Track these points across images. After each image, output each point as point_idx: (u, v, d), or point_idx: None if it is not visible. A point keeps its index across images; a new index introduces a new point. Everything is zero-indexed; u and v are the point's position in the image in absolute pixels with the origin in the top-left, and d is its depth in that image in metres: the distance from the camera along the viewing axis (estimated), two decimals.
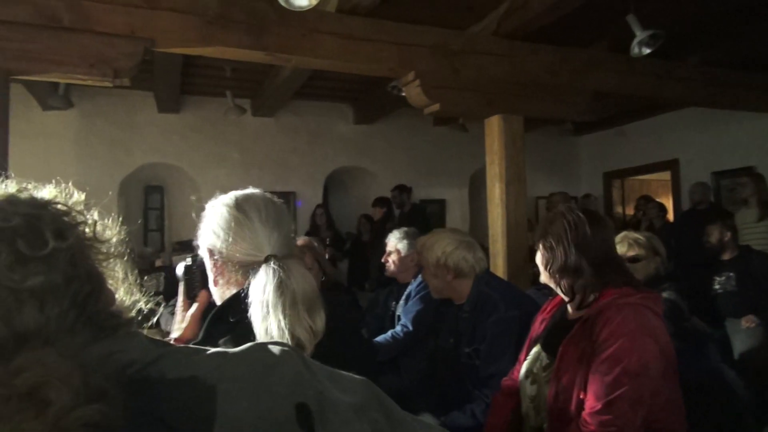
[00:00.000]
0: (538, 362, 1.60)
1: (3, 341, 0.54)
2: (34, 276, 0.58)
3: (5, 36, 2.43)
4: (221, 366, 0.63)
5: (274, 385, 0.62)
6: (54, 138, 5.61)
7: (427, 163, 7.12)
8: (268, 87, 5.35)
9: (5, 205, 0.62)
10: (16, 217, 0.61)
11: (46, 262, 0.60)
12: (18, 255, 0.58)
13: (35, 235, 0.60)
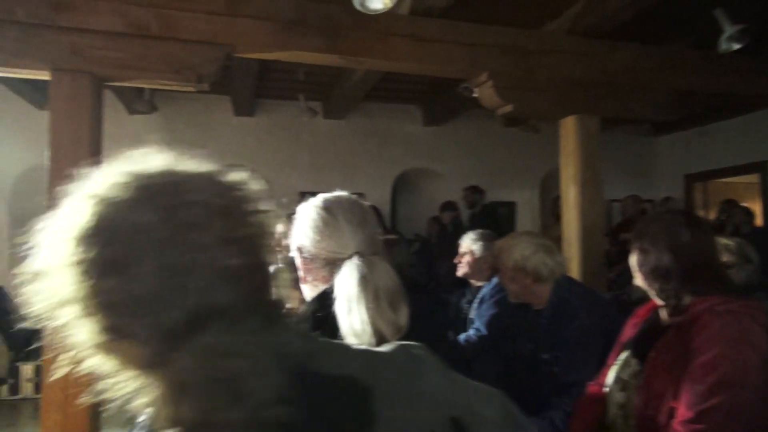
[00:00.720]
0: (628, 368, 1.54)
1: (196, 313, 0.57)
2: (234, 257, 0.60)
3: (100, 45, 2.60)
4: (373, 367, 0.63)
5: (426, 393, 0.63)
6: (139, 140, 5.88)
7: (496, 165, 7.02)
8: (340, 90, 5.44)
9: (213, 184, 0.65)
10: (222, 196, 0.63)
11: (241, 244, 0.62)
12: (223, 233, 0.60)
13: (237, 216, 0.63)
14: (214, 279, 0.58)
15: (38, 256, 0.61)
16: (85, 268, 0.58)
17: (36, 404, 4.77)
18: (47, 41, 2.55)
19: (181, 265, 0.58)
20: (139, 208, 0.59)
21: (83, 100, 2.61)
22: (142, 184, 0.62)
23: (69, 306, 0.58)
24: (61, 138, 2.62)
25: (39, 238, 0.62)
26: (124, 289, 0.57)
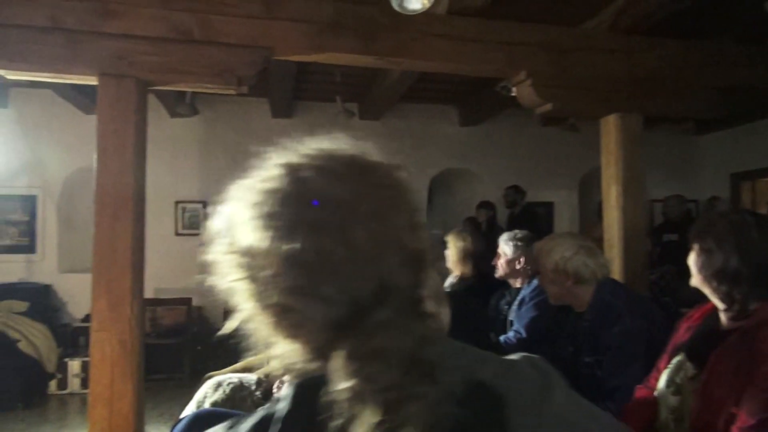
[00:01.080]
0: (682, 372, 1.50)
1: (382, 288, 0.61)
2: (416, 242, 0.64)
3: (144, 51, 2.67)
4: (504, 375, 0.64)
5: (556, 412, 0.63)
6: (180, 143, 6.07)
7: (534, 165, 6.93)
8: (376, 91, 5.46)
9: (398, 173, 0.68)
10: (405, 186, 0.67)
11: (421, 231, 0.66)
12: (410, 219, 0.65)
13: (415, 206, 0.68)
14: (401, 259, 0.63)
15: (235, 221, 0.66)
16: (290, 227, 0.61)
17: (82, 399, 4.93)
18: (94, 47, 2.64)
19: (382, 239, 0.62)
20: (349, 181, 0.64)
21: (128, 103, 2.69)
22: (345, 161, 0.66)
23: (262, 264, 0.61)
24: (107, 140, 2.70)
25: (234, 205, 0.67)
26: (328, 251, 0.60)
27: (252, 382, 2.26)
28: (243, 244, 0.63)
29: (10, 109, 5.80)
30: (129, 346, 2.69)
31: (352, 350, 0.58)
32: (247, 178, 0.69)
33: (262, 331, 0.66)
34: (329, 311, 0.61)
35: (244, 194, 0.66)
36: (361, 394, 0.56)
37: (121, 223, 2.69)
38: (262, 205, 0.63)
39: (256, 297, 0.63)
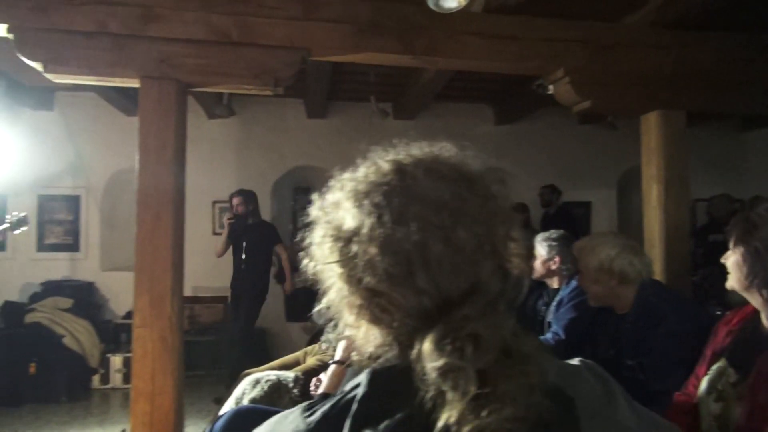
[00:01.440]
0: (724, 378, 1.45)
1: (474, 287, 0.65)
2: (512, 252, 0.70)
3: (184, 53, 2.72)
4: (568, 378, 0.66)
5: (621, 422, 0.65)
6: (217, 143, 6.17)
7: (571, 164, 6.81)
8: (410, 90, 5.45)
9: (500, 182, 0.73)
10: (505, 196, 0.73)
11: (517, 242, 0.71)
12: (508, 229, 0.70)
13: (513, 218, 0.72)
14: (494, 266, 0.67)
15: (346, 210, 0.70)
16: (395, 217, 0.65)
17: (124, 393, 5.06)
18: (137, 51, 2.70)
19: (482, 243, 0.66)
20: (454, 185, 0.68)
21: (169, 105, 2.75)
22: (452, 166, 0.71)
23: (362, 249, 0.65)
24: (148, 142, 2.76)
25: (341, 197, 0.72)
26: (428, 245, 0.64)
27: (289, 380, 2.29)
28: (345, 229, 0.68)
29: (55, 112, 5.99)
30: (169, 342, 2.74)
31: (444, 335, 0.60)
32: (352, 171, 0.75)
33: (346, 315, 0.70)
34: (419, 301, 0.64)
35: (350, 185, 0.71)
36: (456, 369, 0.58)
37: (162, 222, 2.75)
38: (369, 195, 0.68)
39: (349, 279, 0.67)
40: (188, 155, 2.91)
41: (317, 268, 0.73)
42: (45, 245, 5.99)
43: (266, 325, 6.10)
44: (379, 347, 0.67)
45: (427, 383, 0.59)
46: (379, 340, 0.67)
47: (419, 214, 0.65)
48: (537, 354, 0.63)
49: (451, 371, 0.58)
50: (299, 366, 2.70)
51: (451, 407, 0.56)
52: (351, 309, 0.69)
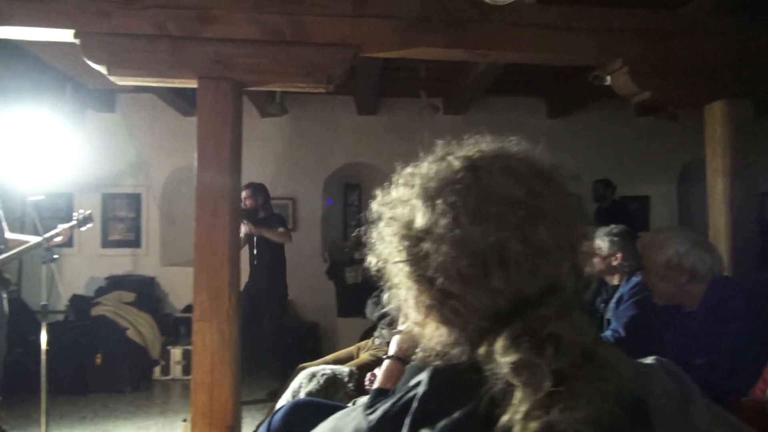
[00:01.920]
0: None
1: (551, 286, 0.64)
2: (584, 250, 0.69)
3: (239, 53, 2.79)
4: (641, 378, 0.64)
5: (698, 426, 0.63)
6: (270, 141, 6.29)
7: (627, 157, 6.61)
8: (460, 85, 5.40)
9: (572, 180, 0.73)
10: (579, 196, 0.72)
11: (586, 240, 0.71)
12: (583, 227, 0.70)
13: (587, 215, 0.73)
14: (572, 265, 0.66)
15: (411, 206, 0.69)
16: (471, 217, 0.64)
17: (183, 384, 5.24)
18: (194, 52, 2.78)
19: (561, 242, 0.65)
20: (530, 182, 0.67)
21: (225, 105, 2.81)
22: (527, 163, 0.70)
23: (434, 248, 0.64)
24: (206, 141, 2.84)
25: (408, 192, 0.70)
26: (505, 245, 0.63)
27: (344, 374, 2.32)
28: (416, 227, 0.66)
29: (117, 113, 6.24)
30: (227, 335, 2.82)
31: (520, 333, 0.59)
32: (416, 166, 0.73)
33: (412, 312, 0.69)
34: (493, 302, 0.63)
35: (419, 182, 0.69)
36: (531, 365, 0.57)
37: (219, 219, 2.82)
38: (441, 194, 0.66)
39: (419, 278, 0.66)
40: (243, 153, 2.98)
41: (382, 265, 0.72)
42: (109, 241, 6.26)
43: (318, 320, 6.19)
44: (446, 345, 0.67)
45: (496, 378, 0.58)
46: (446, 338, 0.67)
47: (496, 214, 0.63)
48: (617, 362, 0.61)
49: (525, 367, 0.57)
50: (353, 361, 2.73)
51: (520, 403, 0.56)
52: (419, 308, 0.68)
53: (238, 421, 2.93)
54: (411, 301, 0.69)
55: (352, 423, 0.65)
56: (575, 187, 0.71)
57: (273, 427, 1.57)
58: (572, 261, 0.66)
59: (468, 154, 0.71)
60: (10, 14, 2.68)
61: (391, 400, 0.64)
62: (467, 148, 0.72)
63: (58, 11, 2.71)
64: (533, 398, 0.55)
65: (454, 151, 0.72)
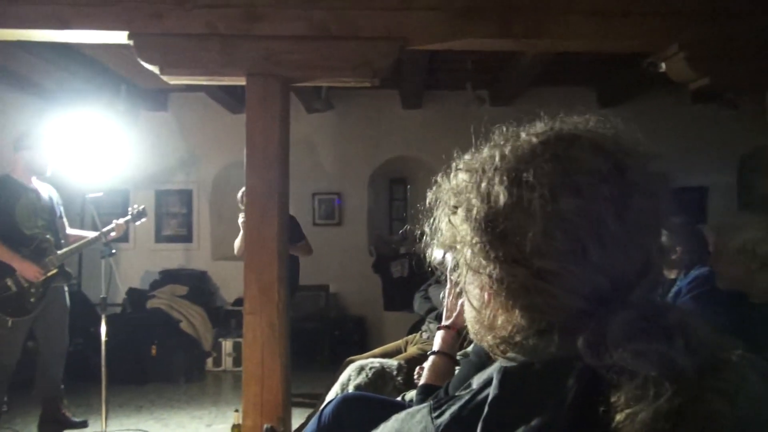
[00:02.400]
0: None
1: (645, 265, 0.62)
2: (670, 226, 0.68)
3: (286, 49, 2.81)
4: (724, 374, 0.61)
5: None
6: (316, 137, 6.34)
7: (682, 147, 6.35)
8: (508, 76, 5.31)
9: (652, 157, 0.70)
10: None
11: (668, 219, 0.69)
12: (669, 205, 0.68)
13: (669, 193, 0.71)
14: (662, 242, 0.64)
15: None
16: (556, 192, 0.61)
17: (234, 376, 5.36)
18: (243, 50, 2.82)
19: (653, 217, 0.63)
20: (614, 156, 0.65)
21: (274, 101, 2.85)
22: (605, 136, 0.69)
23: (519, 226, 0.62)
24: (255, 137, 2.88)
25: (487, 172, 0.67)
26: (600, 219, 0.60)
27: (393, 368, 2.32)
28: (498, 207, 0.63)
29: (169, 112, 6.41)
30: (277, 328, 2.86)
31: (638, 318, 0.56)
32: (480, 152, 0.72)
33: (483, 301, 0.66)
34: (594, 280, 0.60)
35: (493, 162, 0.67)
36: (661, 359, 0.53)
37: (268, 214, 2.86)
38: (525, 170, 0.63)
39: (503, 260, 0.62)
40: (290, 149, 3.01)
41: (449, 253, 0.70)
42: (162, 236, 6.46)
43: (364, 314, 6.22)
44: (528, 335, 0.62)
45: (593, 374, 0.54)
46: (528, 327, 0.63)
47: (586, 186, 0.61)
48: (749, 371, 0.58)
49: (648, 359, 0.53)
50: (401, 354, 2.73)
51: (636, 403, 0.52)
52: (499, 294, 0.64)
53: (288, 413, 2.98)
54: (484, 286, 0.65)
55: (419, 426, 0.62)
56: (656, 164, 0.68)
57: (323, 420, 1.58)
58: (659, 239, 0.64)
59: (545, 130, 0.69)
60: (68, 19, 2.79)
61: (458, 402, 0.61)
62: (538, 127, 0.71)
63: (113, 14, 2.80)
64: (654, 404, 0.51)
65: (521, 132, 0.71)
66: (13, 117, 5.33)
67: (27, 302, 3.47)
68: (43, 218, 3.67)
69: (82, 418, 3.92)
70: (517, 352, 0.63)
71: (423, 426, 0.62)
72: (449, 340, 1.49)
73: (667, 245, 0.65)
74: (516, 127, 0.73)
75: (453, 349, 1.49)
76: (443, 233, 0.71)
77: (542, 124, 0.72)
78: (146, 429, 3.90)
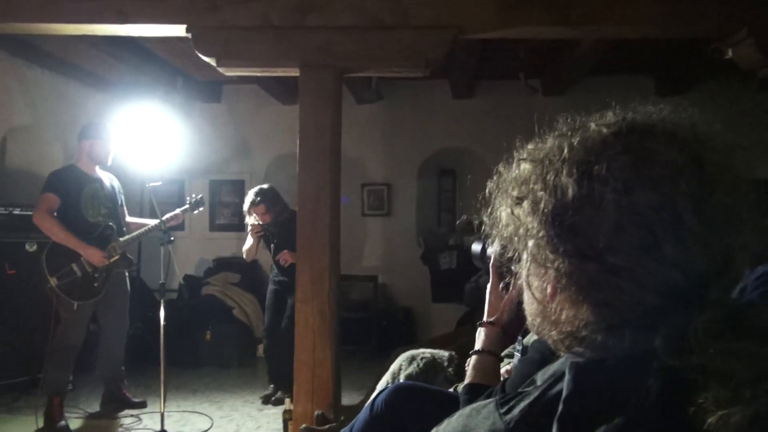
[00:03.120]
0: None
1: (725, 262, 0.60)
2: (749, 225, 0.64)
3: (339, 40, 2.83)
4: None
5: None
6: (365, 128, 6.35)
7: (747, 137, 6.04)
8: (562, 64, 5.18)
9: (734, 148, 0.68)
10: None
11: (752, 214, 0.65)
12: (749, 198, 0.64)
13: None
14: (744, 240, 0.61)
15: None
16: (631, 184, 0.59)
17: None
18: (297, 41, 2.85)
19: (733, 213, 0.60)
20: (692, 148, 0.62)
21: (326, 92, 2.87)
22: (682, 127, 0.66)
23: (590, 219, 0.60)
24: (308, 128, 2.91)
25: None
26: (677, 212, 0.58)
27: (444, 358, 2.31)
28: (567, 199, 0.61)
29: (222, 104, 6.55)
30: (328, 317, 2.90)
31: (720, 318, 0.54)
32: (543, 141, 0.69)
33: (551, 295, 0.64)
34: (669, 275, 0.57)
35: (562, 153, 0.64)
36: (751, 366, 0.50)
37: (320, 204, 2.90)
38: (596, 161, 0.61)
39: (572, 254, 0.60)
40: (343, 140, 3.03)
41: (509, 246, 0.68)
42: (216, 225, 6.63)
43: (411, 305, 6.23)
44: (594, 330, 0.60)
45: (673, 373, 0.52)
46: (596, 323, 0.60)
47: (662, 179, 0.58)
48: None
49: (736, 356, 0.51)
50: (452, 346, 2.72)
51: (726, 394, 0.50)
52: (566, 287, 0.62)
53: (338, 399, 3.02)
54: (551, 282, 0.63)
55: (486, 423, 0.61)
56: (737, 155, 0.65)
57: (376, 409, 1.59)
58: (743, 235, 0.60)
59: (616, 121, 0.66)
60: (129, 13, 2.88)
61: (528, 398, 0.60)
62: (609, 117, 0.68)
63: (171, 7, 2.87)
64: (752, 406, 0.49)
65: (590, 122, 0.68)
66: (78, 109, 5.56)
67: (91, 287, 3.63)
68: (106, 206, 3.83)
69: (141, 399, 4.08)
70: (584, 348, 0.61)
71: (491, 422, 0.60)
72: (493, 337, 1.42)
73: (752, 236, 0.62)
74: (583, 117, 0.70)
75: (497, 346, 1.42)
76: (504, 224, 0.69)
77: (612, 114, 0.69)
78: (202, 411, 4.03)
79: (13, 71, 4.90)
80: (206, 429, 3.69)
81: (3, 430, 3.54)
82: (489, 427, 0.60)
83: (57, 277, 3.49)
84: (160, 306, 3.33)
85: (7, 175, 4.96)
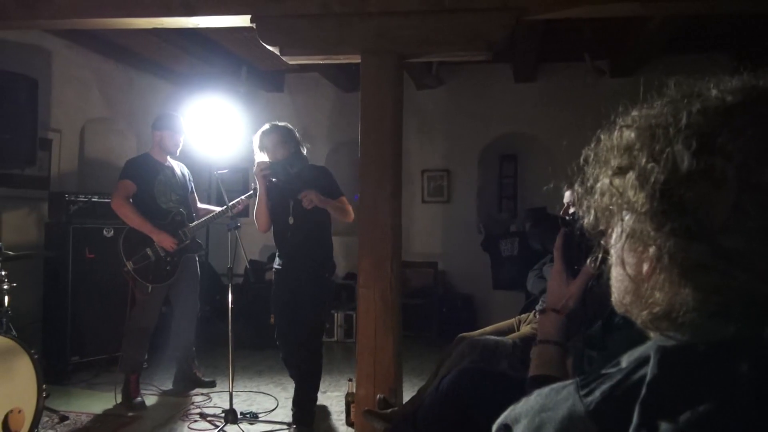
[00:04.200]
0: None
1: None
2: None
3: (399, 25, 2.81)
4: None
5: None
6: (426, 113, 6.32)
7: None
8: (631, 44, 4.97)
9: None
10: None
11: None
12: None
13: None
14: None
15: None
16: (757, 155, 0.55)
17: (345, 347, 5.58)
18: (357, 28, 2.86)
19: None
20: None
21: (387, 78, 2.87)
22: None
23: (705, 194, 0.56)
24: (369, 114, 2.92)
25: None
26: None
27: (507, 346, 2.29)
28: (680, 173, 0.56)
29: (285, 93, 6.67)
30: (389, 302, 2.92)
31: None
32: (650, 107, 0.64)
33: (648, 274, 0.60)
34: None
35: (673, 122, 0.59)
36: None
37: (382, 190, 2.91)
38: (717, 133, 0.56)
39: (679, 233, 0.56)
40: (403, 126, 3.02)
41: (606, 215, 0.64)
42: None
43: (472, 292, 6.19)
44: (700, 313, 0.56)
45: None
46: (693, 304, 0.56)
47: None
48: None
49: None
50: (513, 334, 2.69)
51: None
52: (668, 268, 0.57)
53: (399, 384, 3.05)
54: (649, 260, 0.59)
55: (566, 403, 0.58)
56: None
57: (442, 392, 1.60)
58: None
59: (744, 86, 0.60)
60: (196, 6, 2.97)
61: (610, 381, 0.57)
62: (734, 83, 0.61)
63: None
64: None
65: (710, 87, 0.61)
66: (149, 100, 5.80)
67: (164, 270, 3.80)
68: (177, 193, 3.99)
69: (211, 378, 4.26)
70: (676, 331, 0.57)
71: (570, 403, 0.58)
72: (558, 325, 1.38)
73: None
74: (699, 83, 0.63)
75: (562, 335, 1.38)
76: (600, 195, 0.64)
77: (738, 80, 0.61)
78: (267, 392, 4.17)
79: (90, 66, 5.16)
80: (272, 409, 3.81)
81: (84, 404, 3.77)
82: (568, 408, 0.58)
83: (133, 261, 3.68)
84: (227, 290, 3.44)
85: (86, 164, 5.25)
